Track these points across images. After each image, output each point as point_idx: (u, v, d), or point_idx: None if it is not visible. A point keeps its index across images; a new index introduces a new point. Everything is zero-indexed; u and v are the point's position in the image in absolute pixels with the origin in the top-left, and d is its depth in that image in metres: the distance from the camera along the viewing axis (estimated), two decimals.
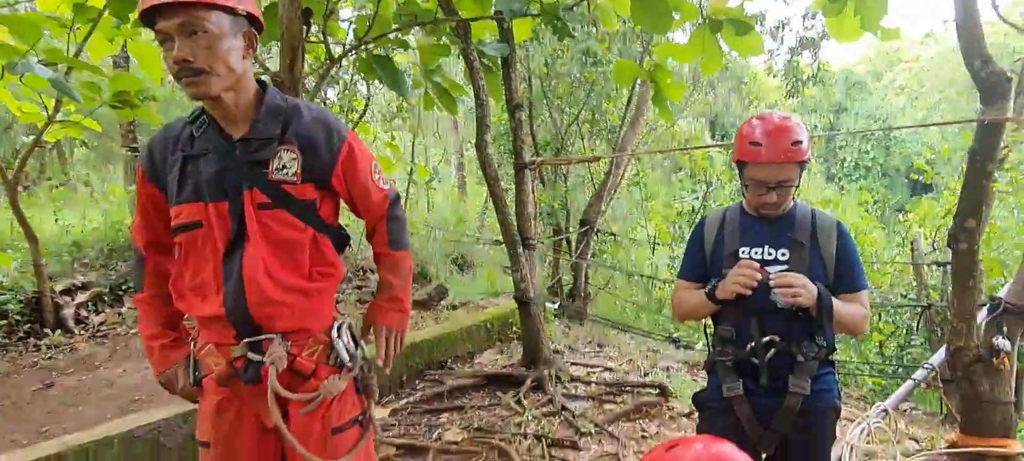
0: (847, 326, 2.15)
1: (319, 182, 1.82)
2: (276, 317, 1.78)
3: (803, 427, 2.16)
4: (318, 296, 1.87)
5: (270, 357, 1.76)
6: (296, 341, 1.83)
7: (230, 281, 1.73)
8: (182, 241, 1.77)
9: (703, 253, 2.33)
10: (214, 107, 1.75)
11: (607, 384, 5.36)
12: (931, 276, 6.90)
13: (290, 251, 1.79)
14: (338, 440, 1.89)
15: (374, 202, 1.93)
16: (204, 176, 1.73)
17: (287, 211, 1.77)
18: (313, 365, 1.85)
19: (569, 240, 7.19)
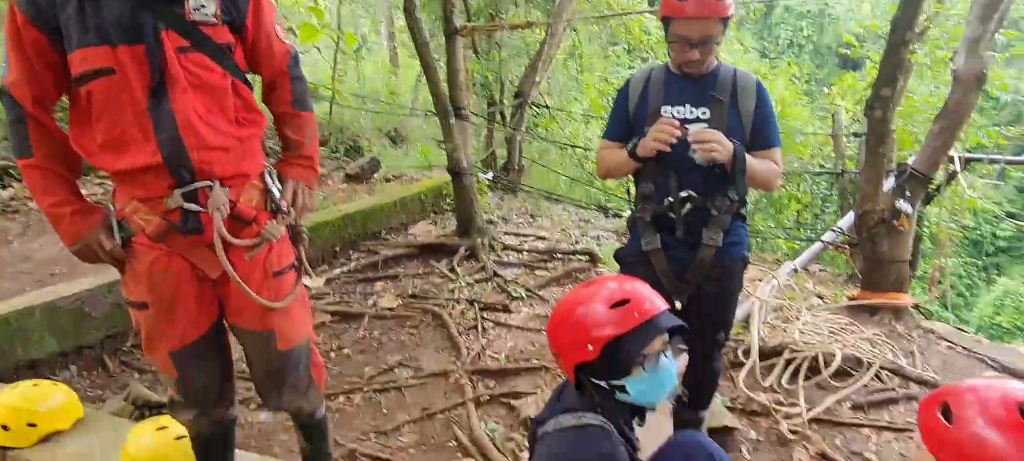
0: (759, 181, 2.24)
1: (234, 25, 1.72)
2: (215, 162, 1.70)
3: (715, 278, 2.28)
4: (250, 141, 1.81)
5: (214, 204, 1.70)
6: (234, 187, 1.78)
7: (162, 129, 1.62)
8: (89, 91, 1.61)
9: (627, 112, 2.35)
10: None
11: (539, 252, 5.51)
12: (849, 147, 7.21)
13: (216, 96, 1.70)
14: (278, 283, 1.89)
15: (276, 53, 1.84)
16: (108, 17, 1.56)
17: (206, 55, 1.66)
18: (253, 211, 1.82)
19: (503, 113, 7.12)
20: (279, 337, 1.91)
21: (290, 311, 1.92)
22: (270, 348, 1.91)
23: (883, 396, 3.35)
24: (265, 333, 1.89)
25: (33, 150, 1.67)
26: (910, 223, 4.55)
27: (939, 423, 1.10)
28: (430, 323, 4.24)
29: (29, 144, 1.67)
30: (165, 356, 1.84)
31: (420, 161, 7.56)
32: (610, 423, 1.51)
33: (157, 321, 1.80)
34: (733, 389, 3.42)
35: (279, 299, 1.87)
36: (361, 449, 2.92)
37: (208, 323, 1.86)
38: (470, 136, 5.65)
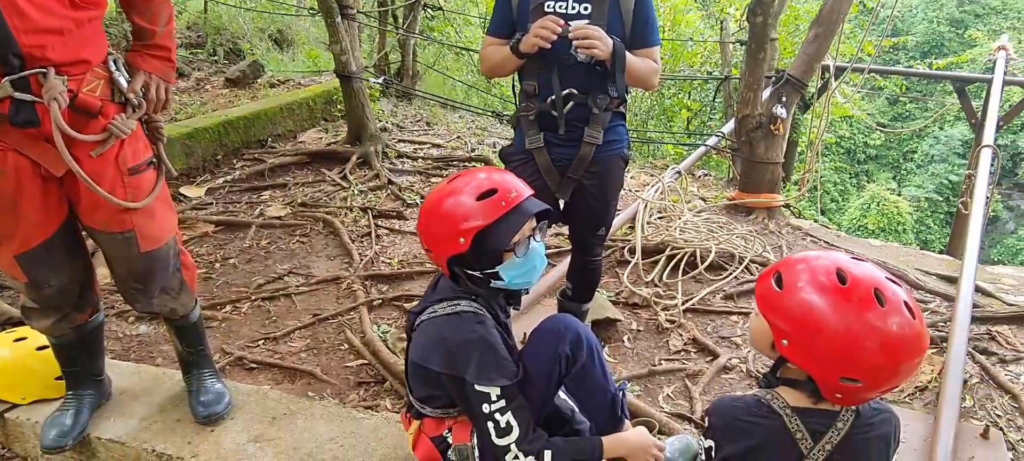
0: (639, 79, 2.28)
1: None
2: (48, 46, 1.54)
3: (595, 174, 2.34)
4: (90, 24, 1.64)
5: (49, 93, 1.54)
6: (74, 75, 1.62)
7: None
8: None
9: (510, 8, 2.31)
10: None
11: (434, 159, 5.45)
12: (735, 55, 7.47)
13: None
14: (136, 181, 1.77)
15: None
16: None
17: None
18: (99, 102, 1.67)
19: (395, 14, 6.82)
20: (141, 238, 1.81)
21: (152, 210, 1.82)
22: (132, 250, 1.81)
23: (751, 286, 3.62)
24: (125, 234, 1.79)
25: None
26: (785, 128, 4.82)
27: (772, 290, 1.20)
28: (321, 231, 4.15)
29: None
30: (10, 260, 1.71)
31: (308, 66, 7.18)
32: (484, 309, 1.55)
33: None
34: (618, 285, 3.59)
35: (138, 198, 1.76)
36: (250, 356, 2.87)
37: (56, 224, 1.74)
38: (359, 38, 5.40)
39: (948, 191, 18.34)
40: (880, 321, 1.11)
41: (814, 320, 1.14)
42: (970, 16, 22.28)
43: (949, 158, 18.93)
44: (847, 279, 1.15)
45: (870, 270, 1.17)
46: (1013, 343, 3.21)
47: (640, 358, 2.99)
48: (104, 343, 2.14)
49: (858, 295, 1.13)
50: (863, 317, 1.12)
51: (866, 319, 1.12)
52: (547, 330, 1.71)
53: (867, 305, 1.12)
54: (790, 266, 1.22)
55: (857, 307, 1.12)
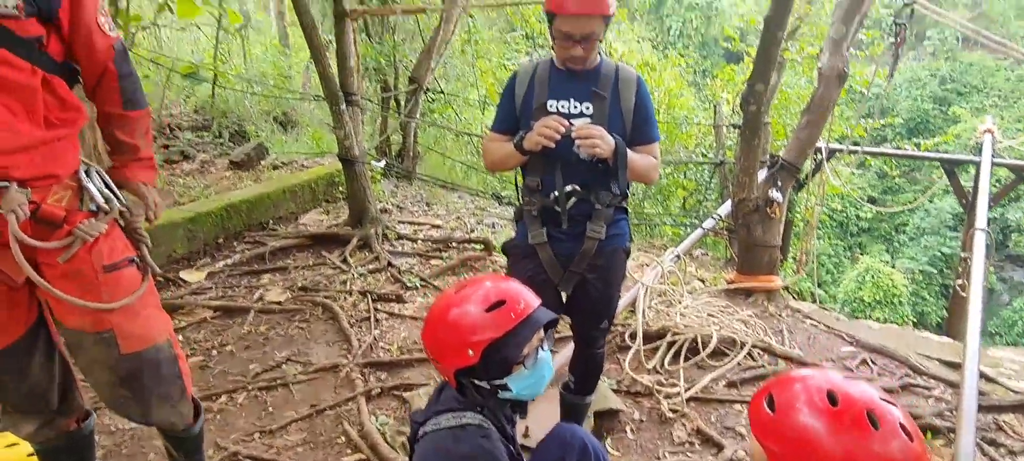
0: (640, 175, 2.33)
1: (44, 15, 1.56)
2: (12, 166, 1.55)
3: (598, 268, 2.36)
4: (59, 142, 1.66)
5: (8, 206, 1.54)
6: (38, 188, 1.62)
7: None
8: None
9: (514, 105, 2.37)
10: None
11: (434, 241, 5.48)
12: (729, 138, 7.63)
13: (20, 96, 1.55)
14: (113, 278, 1.74)
15: (98, 47, 1.69)
16: None
17: (8, 50, 1.51)
18: (63, 212, 1.67)
19: (398, 99, 6.99)
20: (121, 337, 1.76)
21: (134, 310, 1.78)
22: (111, 351, 1.76)
23: (754, 373, 3.59)
24: (103, 334, 1.75)
25: None
26: (781, 211, 4.89)
27: (765, 413, 1.19)
28: (321, 316, 4.12)
29: None
30: None
31: (311, 148, 7.31)
32: (489, 420, 1.53)
33: None
34: (619, 372, 3.56)
35: (115, 297, 1.72)
36: (244, 451, 2.81)
37: (22, 329, 1.73)
38: (362, 122, 5.52)
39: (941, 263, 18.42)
40: (877, 445, 1.10)
41: (808, 444, 1.12)
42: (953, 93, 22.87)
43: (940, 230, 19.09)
44: (839, 401, 1.14)
45: (863, 390, 1.16)
46: (1020, 433, 3.17)
47: (644, 451, 2.94)
48: (95, 449, 2.08)
49: (850, 417, 1.12)
50: (858, 441, 1.10)
51: (861, 443, 1.10)
52: (553, 443, 1.69)
53: (861, 428, 1.11)
54: (782, 387, 1.21)
55: (850, 430, 1.11)
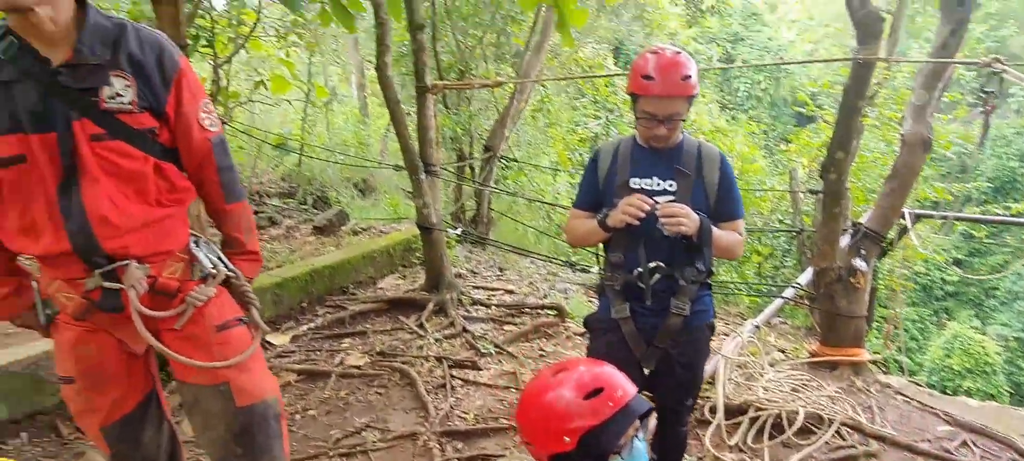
0: (724, 251, 2.33)
1: (154, 110, 1.70)
2: (131, 245, 1.69)
3: (682, 344, 2.35)
4: (170, 220, 1.79)
5: (128, 281, 1.67)
6: (155, 263, 1.75)
7: (71, 218, 1.60)
8: (2, 177, 1.60)
9: (597, 182, 2.43)
10: (25, 26, 1.55)
11: (507, 306, 5.53)
12: (806, 203, 7.46)
13: (134, 182, 1.68)
14: (225, 337, 1.84)
15: (196, 140, 1.80)
16: (21, 105, 1.55)
17: (124, 142, 1.64)
18: (177, 282, 1.80)
19: (472, 166, 7.20)
20: (236, 391, 1.84)
21: (246, 365, 1.86)
22: (228, 404, 1.84)
23: (844, 453, 3.42)
24: (219, 386, 1.83)
25: None
26: (866, 280, 4.72)
27: None
28: (398, 382, 4.20)
29: None
30: (96, 432, 1.83)
31: (389, 213, 7.57)
32: None
33: (84, 396, 1.80)
34: (700, 448, 3.46)
35: (227, 355, 1.82)
36: None
37: (138, 398, 1.85)
38: (440, 190, 5.70)
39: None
40: None
41: None
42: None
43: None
44: None
45: None
46: None
47: None
48: None
49: None
50: None
51: None
52: None
53: None
54: None
55: None
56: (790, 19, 42.39)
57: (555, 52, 8.55)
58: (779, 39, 34.71)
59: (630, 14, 11.38)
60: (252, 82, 5.49)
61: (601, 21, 10.56)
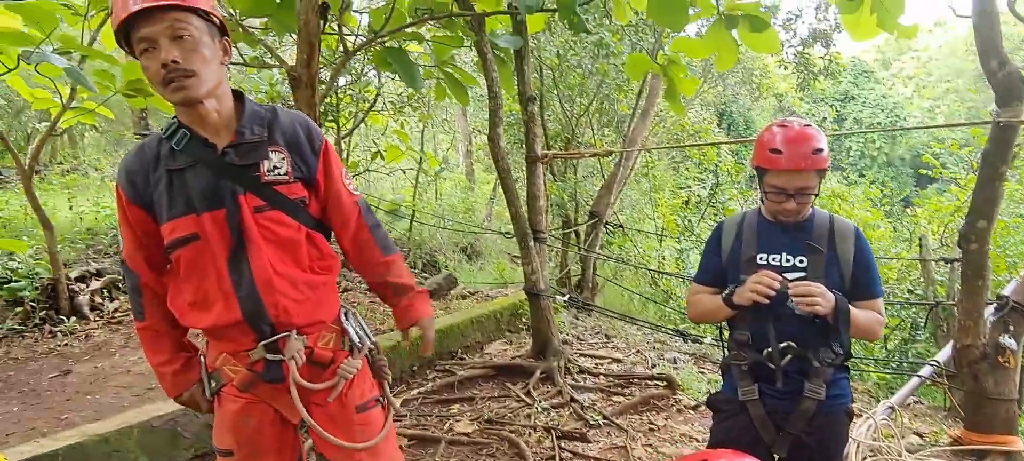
0: (862, 332, 2.19)
1: (306, 181, 1.85)
2: (293, 314, 1.81)
3: (817, 429, 2.20)
4: (325, 288, 1.91)
5: (289, 353, 1.79)
6: (311, 333, 1.87)
7: (242, 286, 1.74)
8: (179, 257, 1.76)
9: (720, 258, 2.36)
10: (194, 117, 1.73)
11: (615, 376, 5.41)
12: (938, 272, 6.92)
13: (290, 250, 1.81)
14: (363, 418, 1.94)
15: (346, 204, 1.94)
16: (194, 188, 1.72)
17: (282, 211, 1.79)
18: (330, 354, 1.90)
19: (577, 232, 7.22)
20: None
21: (380, 448, 1.95)
22: None
23: None
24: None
25: (145, 315, 1.86)
26: (1016, 360, 4.27)
27: None
28: (507, 451, 4.17)
29: (143, 310, 1.86)
30: None
31: (495, 277, 7.68)
32: None
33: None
34: None
35: (367, 436, 1.91)
36: None
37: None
38: (547, 257, 5.73)
39: None
40: None
41: None
42: None
43: None
44: None
45: None
46: None
47: None
48: None
49: None
50: None
51: None
52: None
53: None
54: None
55: None
56: (906, 75, 40.41)
57: (660, 117, 8.53)
58: (894, 96, 33.10)
59: (736, 78, 11.23)
60: (370, 152, 5.82)
61: (706, 85, 10.48)
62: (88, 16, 4.59)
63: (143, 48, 1.62)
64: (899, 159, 31.43)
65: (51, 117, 5.42)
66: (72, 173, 10.44)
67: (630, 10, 4.86)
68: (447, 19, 4.37)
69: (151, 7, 1.57)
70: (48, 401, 4.31)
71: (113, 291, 6.21)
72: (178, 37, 1.60)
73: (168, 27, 1.59)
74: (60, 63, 4.14)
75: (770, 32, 3.84)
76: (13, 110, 10.96)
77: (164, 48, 1.59)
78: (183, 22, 1.61)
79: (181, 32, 1.60)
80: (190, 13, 1.63)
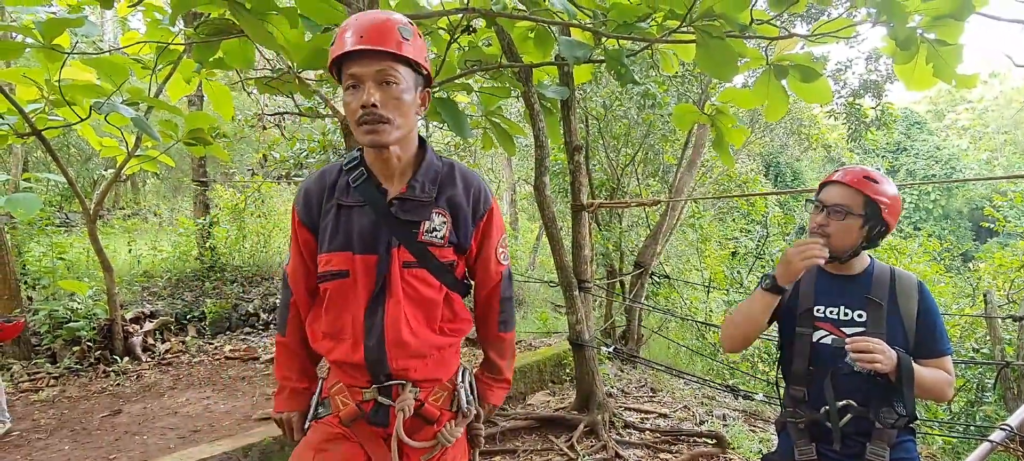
0: (929, 392, 2.07)
1: (459, 247, 1.87)
2: (412, 369, 1.82)
3: None
4: (450, 349, 1.92)
5: (400, 403, 1.80)
6: (425, 388, 1.87)
7: (372, 333, 1.76)
8: (326, 288, 1.81)
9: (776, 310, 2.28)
10: (377, 159, 1.79)
11: (662, 432, 5.24)
12: (1005, 330, 6.57)
13: (426, 308, 1.83)
14: None
15: (491, 273, 1.96)
16: (356, 228, 1.77)
17: (428, 270, 1.81)
18: (438, 411, 1.89)
19: (622, 282, 7.13)
20: None
21: None
22: None
23: None
24: None
25: (287, 331, 1.94)
26: None
27: None
28: None
29: (286, 325, 1.93)
30: None
31: (538, 326, 7.61)
32: None
33: None
34: None
35: None
36: None
37: None
38: (591, 307, 5.66)
39: None
40: None
41: None
42: None
43: None
44: None
45: None
46: None
47: None
48: None
49: None
50: None
51: None
52: None
53: None
54: None
55: None
56: (960, 126, 39.37)
57: (706, 167, 8.46)
58: (948, 147, 32.20)
59: (784, 128, 11.09)
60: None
61: (753, 135, 10.37)
62: (156, 69, 4.83)
63: (349, 84, 1.68)
64: (956, 212, 30.40)
65: (116, 164, 5.68)
66: (133, 218, 10.88)
67: (677, 61, 4.87)
68: (496, 70, 4.45)
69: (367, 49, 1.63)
70: (98, 440, 4.41)
71: (165, 332, 6.37)
72: (384, 83, 1.66)
73: (378, 71, 1.65)
74: (128, 113, 4.35)
75: (821, 82, 3.79)
76: (82, 158, 11.54)
77: (368, 90, 1.64)
78: (395, 70, 1.67)
79: (389, 79, 1.66)
80: (401, 62, 1.68)
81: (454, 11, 3.56)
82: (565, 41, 3.76)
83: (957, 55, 3.51)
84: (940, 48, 3.47)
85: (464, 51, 4.32)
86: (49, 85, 4.41)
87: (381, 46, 1.63)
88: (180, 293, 7.33)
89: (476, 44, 4.40)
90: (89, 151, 10.78)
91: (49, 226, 7.12)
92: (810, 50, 4.82)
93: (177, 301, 7.11)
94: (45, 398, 5.16)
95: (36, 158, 11.38)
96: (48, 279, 6.56)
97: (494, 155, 10.79)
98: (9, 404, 5.01)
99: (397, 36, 1.66)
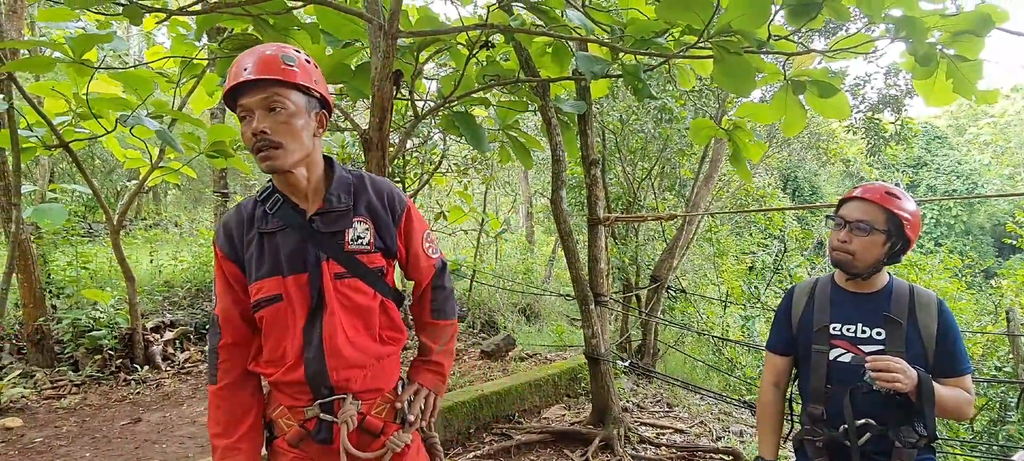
0: (949, 411, 2.05)
1: (386, 250, 1.90)
2: (353, 380, 1.84)
3: None
4: (389, 359, 1.93)
5: (342, 417, 1.82)
6: (367, 400, 1.89)
7: (310, 348, 1.79)
8: (263, 316, 1.82)
9: (790, 326, 2.29)
10: (285, 183, 1.83)
11: (678, 447, 5.21)
12: None
13: (363, 317, 1.86)
14: None
15: (422, 267, 2.01)
16: (283, 251, 1.80)
17: (360, 279, 1.84)
18: (382, 423, 1.91)
19: (638, 296, 7.11)
20: None
21: None
22: None
23: None
24: None
25: (218, 379, 1.88)
26: None
27: None
28: None
29: (216, 373, 1.88)
30: None
31: (553, 339, 7.60)
32: None
33: None
34: None
35: None
36: None
37: None
38: (607, 321, 5.65)
39: None
40: None
41: None
42: None
43: None
44: None
45: None
46: None
47: None
48: None
49: None
50: None
51: None
52: None
53: None
54: None
55: None
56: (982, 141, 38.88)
57: (723, 182, 8.43)
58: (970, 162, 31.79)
59: (802, 143, 11.02)
60: (433, 213, 5.97)
61: (771, 150, 10.31)
62: (180, 83, 4.92)
63: (242, 115, 1.73)
64: (978, 228, 29.98)
65: (140, 176, 5.78)
66: (155, 228, 11.05)
67: (694, 76, 4.88)
68: (513, 85, 4.49)
69: (254, 80, 1.68)
70: (118, 448, 4.46)
71: (184, 342, 6.44)
72: (271, 109, 1.70)
73: (265, 99, 1.70)
74: (152, 126, 4.44)
75: (840, 97, 3.78)
76: (106, 169, 11.74)
77: (257, 118, 1.69)
78: (281, 96, 1.71)
79: (275, 105, 1.70)
80: (290, 88, 1.73)
81: (473, 27, 3.61)
82: (582, 56, 3.79)
83: (977, 70, 3.49)
84: (960, 64, 3.46)
85: (482, 66, 4.36)
86: (77, 98, 4.51)
87: (266, 75, 1.68)
88: (200, 303, 7.42)
89: (494, 59, 4.45)
90: (112, 162, 10.97)
91: (74, 236, 7.25)
92: (828, 65, 4.81)
93: (197, 311, 7.20)
94: (67, 405, 5.24)
95: (61, 169, 11.62)
96: (72, 288, 6.68)
97: (511, 168, 10.83)
98: (32, 411, 5.09)
99: (280, 64, 1.71)
